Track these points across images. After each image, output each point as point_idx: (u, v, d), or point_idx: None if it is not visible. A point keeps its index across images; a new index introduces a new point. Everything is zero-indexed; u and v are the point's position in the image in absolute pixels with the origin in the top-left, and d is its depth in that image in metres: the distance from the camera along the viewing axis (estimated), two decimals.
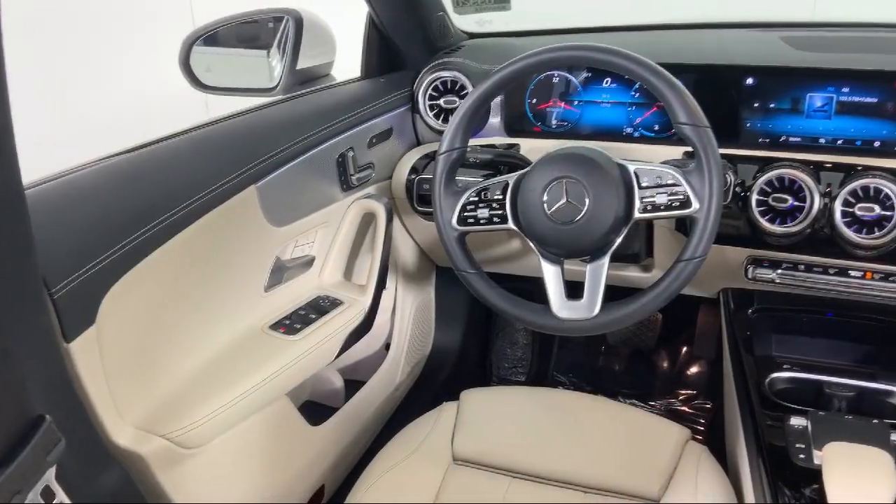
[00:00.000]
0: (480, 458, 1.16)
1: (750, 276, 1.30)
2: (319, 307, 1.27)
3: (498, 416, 1.24)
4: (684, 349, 1.95)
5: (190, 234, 0.98)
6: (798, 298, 1.32)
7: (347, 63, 1.60)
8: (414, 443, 1.20)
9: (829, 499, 0.92)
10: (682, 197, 0.99)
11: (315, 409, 1.42)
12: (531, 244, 1.09)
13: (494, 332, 2.03)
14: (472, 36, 1.71)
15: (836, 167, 1.19)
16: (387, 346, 1.64)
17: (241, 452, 1.11)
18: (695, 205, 0.99)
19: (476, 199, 1.10)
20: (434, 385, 1.79)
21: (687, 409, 1.85)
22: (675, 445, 1.14)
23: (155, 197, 0.97)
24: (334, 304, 1.28)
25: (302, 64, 1.45)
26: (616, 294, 1.08)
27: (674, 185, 1.00)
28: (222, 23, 1.45)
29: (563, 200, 1.03)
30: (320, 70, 1.53)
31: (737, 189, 1.22)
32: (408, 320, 1.67)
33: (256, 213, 1.11)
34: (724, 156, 1.19)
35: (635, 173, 1.02)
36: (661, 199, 1.01)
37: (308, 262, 1.32)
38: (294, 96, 1.39)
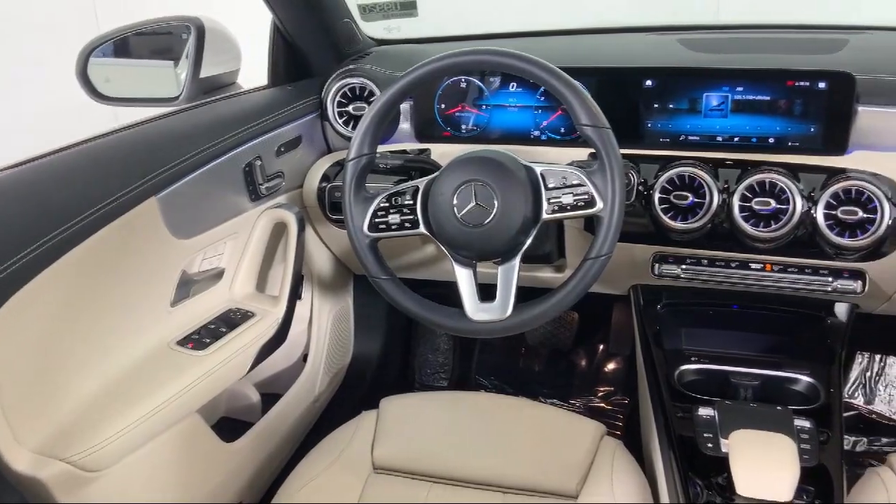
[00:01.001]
0: (400, 466, 1.16)
1: (656, 272, 1.33)
2: (230, 320, 1.24)
3: (418, 422, 1.23)
4: (601, 347, 1.99)
5: (86, 250, 0.94)
6: (705, 292, 1.36)
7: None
8: (333, 454, 1.18)
9: (736, 484, 0.95)
10: (586, 197, 1.01)
11: (231, 426, 1.39)
12: (443, 248, 1.09)
13: (416, 338, 2.02)
14: (381, 42, 1.70)
15: (734, 164, 1.23)
16: (304, 358, 1.61)
17: (150, 474, 1.07)
18: (599, 204, 1.01)
19: (387, 204, 1.09)
20: (355, 395, 1.76)
21: (606, 406, 1.89)
22: (591, 441, 1.16)
23: (47, 211, 0.92)
24: (246, 316, 1.25)
25: (206, 72, 1.42)
26: (532, 295, 1.09)
27: (578, 185, 1.01)
28: (120, 32, 1.40)
29: (473, 203, 1.03)
30: (226, 78, 1.49)
31: (640, 188, 1.25)
32: (325, 330, 1.64)
33: (158, 225, 1.08)
34: (627, 156, 1.22)
35: (542, 175, 1.04)
36: (568, 199, 1.02)
37: (217, 275, 1.29)
38: (198, 105, 1.35)
